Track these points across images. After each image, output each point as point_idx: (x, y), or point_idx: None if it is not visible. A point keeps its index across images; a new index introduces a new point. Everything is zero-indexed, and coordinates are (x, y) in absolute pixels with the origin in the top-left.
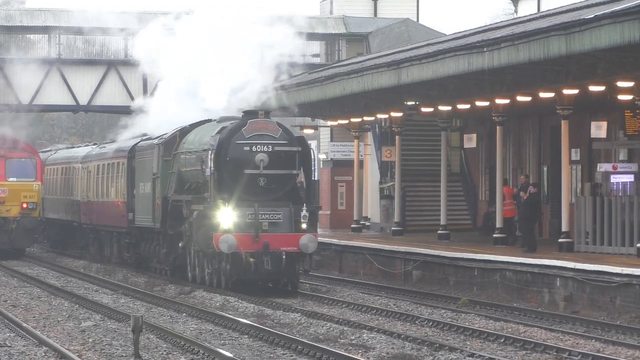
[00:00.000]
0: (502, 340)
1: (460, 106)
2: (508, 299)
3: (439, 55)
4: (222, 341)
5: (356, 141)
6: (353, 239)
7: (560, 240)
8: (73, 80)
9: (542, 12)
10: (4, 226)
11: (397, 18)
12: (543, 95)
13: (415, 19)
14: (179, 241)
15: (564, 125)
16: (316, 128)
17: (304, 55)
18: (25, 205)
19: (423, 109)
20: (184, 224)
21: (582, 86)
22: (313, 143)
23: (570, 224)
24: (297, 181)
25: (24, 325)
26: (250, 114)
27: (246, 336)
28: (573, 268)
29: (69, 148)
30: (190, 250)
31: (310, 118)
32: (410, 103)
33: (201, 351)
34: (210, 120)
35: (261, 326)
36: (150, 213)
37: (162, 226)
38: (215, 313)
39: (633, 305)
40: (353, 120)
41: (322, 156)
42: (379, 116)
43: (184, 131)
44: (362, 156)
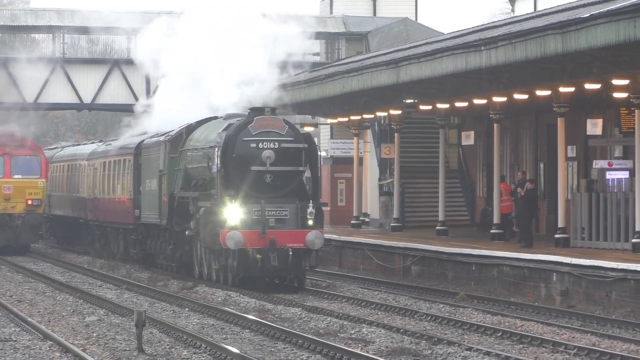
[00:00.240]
0: (499, 334)
1: (458, 104)
2: (505, 294)
3: (437, 54)
4: (224, 335)
5: (356, 139)
6: (353, 235)
7: (556, 235)
8: (77, 78)
9: (539, 12)
10: (10, 222)
11: (396, 17)
12: (540, 93)
13: (413, 19)
14: (186, 235)
15: (560, 122)
16: (316, 126)
17: (305, 54)
18: (30, 202)
19: (421, 107)
20: (191, 221)
21: (578, 84)
22: None
23: (566, 220)
24: None
25: (29, 320)
26: (256, 111)
27: (247, 330)
28: (569, 263)
29: (75, 145)
30: (197, 246)
31: (310, 116)
32: (409, 101)
33: (203, 345)
34: (216, 117)
35: (263, 321)
36: (156, 210)
37: (169, 223)
38: (217, 308)
39: (628, 299)
40: (353, 118)
41: (323, 153)
42: (378, 114)
43: (190, 128)
44: (362, 153)
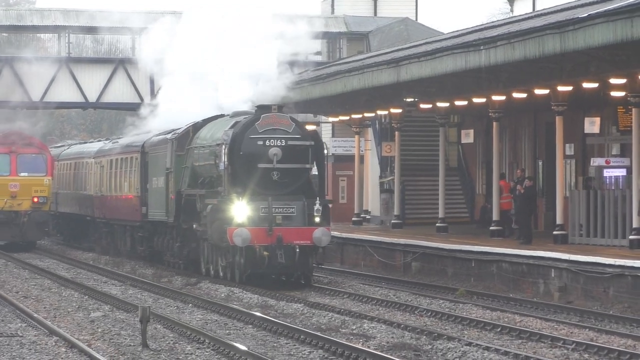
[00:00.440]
0: (499, 329)
1: (457, 103)
2: (504, 290)
3: (437, 53)
4: (228, 331)
5: (357, 137)
6: (354, 232)
7: (555, 232)
8: (82, 78)
9: (537, 12)
10: (16, 219)
11: (397, 17)
12: (538, 92)
13: (414, 18)
14: (193, 233)
15: (559, 121)
16: (318, 124)
17: (307, 54)
18: (36, 199)
19: (422, 106)
20: (199, 218)
21: (576, 83)
22: None
23: (564, 217)
24: None
25: (35, 315)
26: (263, 109)
27: (250, 326)
28: (567, 259)
29: (82, 143)
30: (204, 244)
31: (312, 114)
32: (409, 100)
33: (207, 340)
34: (223, 115)
35: (265, 316)
36: (163, 207)
37: (176, 220)
38: (220, 304)
39: (625, 295)
40: (354, 116)
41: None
42: (379, 112)
43: (197, 126)
44: (363, 151)
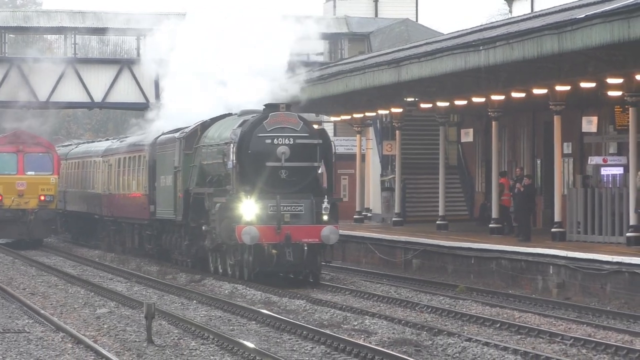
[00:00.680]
0: (498, 325)
1: (457, 102)
2: (503, 286)
3: (437, 53)
4: (231, 327)
5: (358, 136)
6: (355, 229)
7: (553, 229)
8: (88, 78)
9: (536, 12)
10: (23, 217)
11: (397, 18)
12: (536, 91)
13: (414, 19)
14: (201, 232)
15: (557, 120)
16: (320, 123)
17: (309, 54)
18: (42, 197)
19: (422, 105)
20: (207, 217)
21: (574, 83)
22: None
23: (562, 215)
24: None
25: (42, 312)
26: (271, 107)
27: (254, 322)
28: (565, 256)
29: (89, 142)
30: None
31: (314, 114)
32: (409, 99)
33: (211, 336)
34: (230, 114)
35: (269, 312)
36: (171, 205)
37: (184, 219)
38: (224, 300)
39: (623, 291)
40: (355, 115)
41: None
42: (380, 112)
43: (205, 125)
44: (364, 150)
